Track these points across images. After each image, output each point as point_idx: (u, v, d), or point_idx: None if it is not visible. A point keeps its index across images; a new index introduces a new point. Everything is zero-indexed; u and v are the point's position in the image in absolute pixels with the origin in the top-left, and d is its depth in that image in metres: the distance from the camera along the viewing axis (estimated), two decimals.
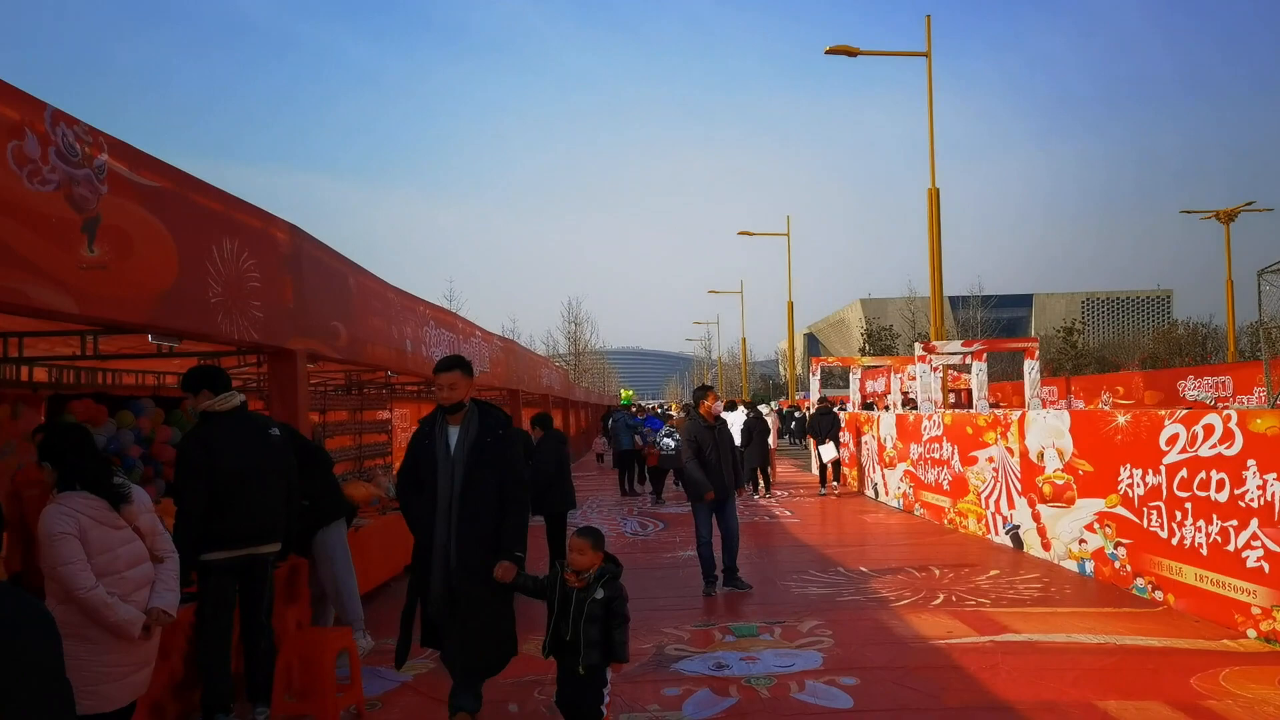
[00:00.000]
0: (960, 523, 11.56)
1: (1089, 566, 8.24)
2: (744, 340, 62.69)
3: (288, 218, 8.06)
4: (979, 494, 10.95)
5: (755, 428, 16.95)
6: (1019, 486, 9.75)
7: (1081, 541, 8.35)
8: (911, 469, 13.69)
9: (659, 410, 23.05)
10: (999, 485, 10.32)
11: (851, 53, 22.31)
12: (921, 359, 16.78)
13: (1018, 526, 9.83)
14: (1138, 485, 7.37)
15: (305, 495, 5.84)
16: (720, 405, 8.52)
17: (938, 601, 7.41)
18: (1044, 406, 16.26)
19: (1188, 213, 39.05)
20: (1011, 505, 9.97)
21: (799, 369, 71.00)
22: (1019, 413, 9.85)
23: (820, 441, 17.39)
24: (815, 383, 22.45)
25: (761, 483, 16.74)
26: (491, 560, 4.44)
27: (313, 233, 8.61)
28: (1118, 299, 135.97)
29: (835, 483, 17.58)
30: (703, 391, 8.30)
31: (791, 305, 44.73)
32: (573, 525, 13.04)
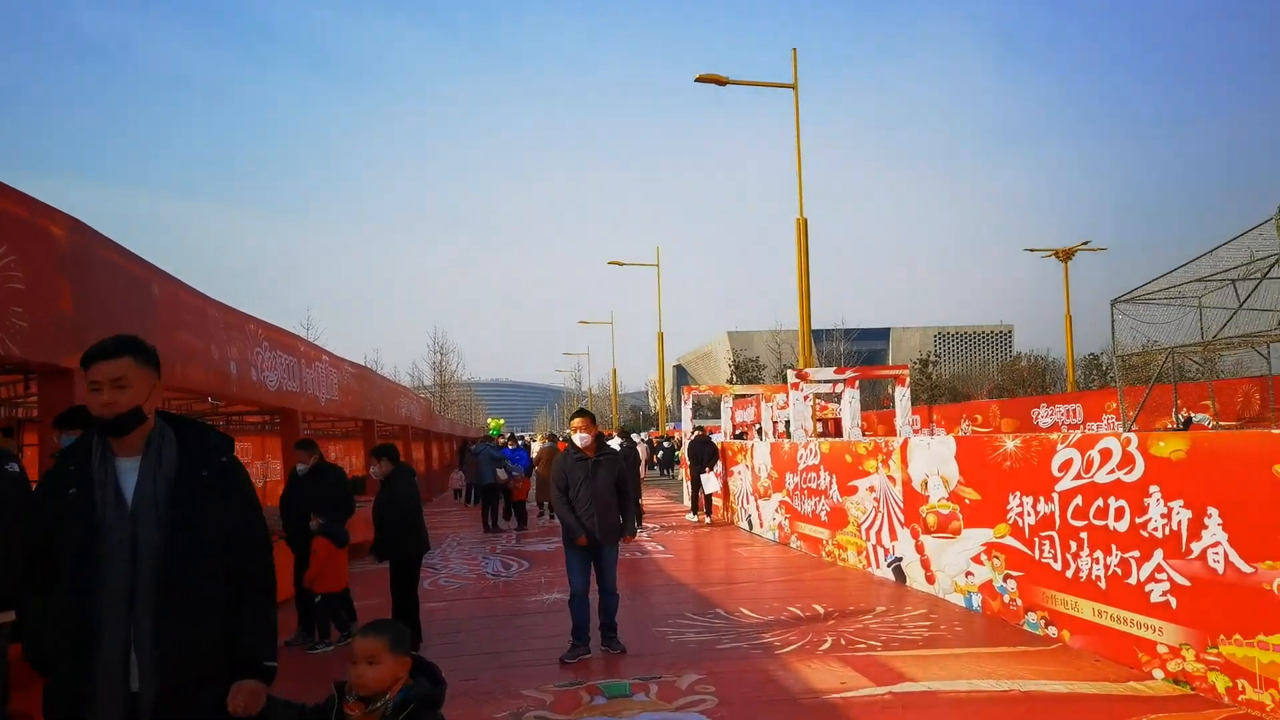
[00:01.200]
0: (839, 555, 11.10)
1: (976, 600, 7.81)
2: (614, 371, 62.27)
3: (135, 244, 6.91)
4: (859, 525, 10.50)
5: (629, 457, 16.23)
6: (901, 517, 9.32)
7: (968, 574, 7.93)
8: (787, 499, 13.22)
9: (522, 442, 22.04)
10: (880, 516, 9.88)
11: (720, 81, 22.33)
12: (794, 386, 16.49)
13: (900, 559, 9.39)
14: (1028, 514, 6.98)
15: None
16: (587, 435, 6.95)
17: (826, 646, 6.77)
18: (914, 434, 16.20)
19: (1030, 251, 41.20)
20: (894, 537, 9.53)
21: (669, 400, 71.13)
22: (901, 440, 9.46)
23: (701, 470, 16.92)
24: (687, 411, 21.96)
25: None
26: (219, 684, 2.67)
27: (164, 262, 7.47)
28: (966, 333, 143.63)
29: (707, 516, 17.13)
30: (575, 416, 7.30)
31: (661, 336, 44.62)
32: (429, 569, 11.99)
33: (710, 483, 16.66)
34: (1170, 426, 18.55)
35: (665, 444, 35.10)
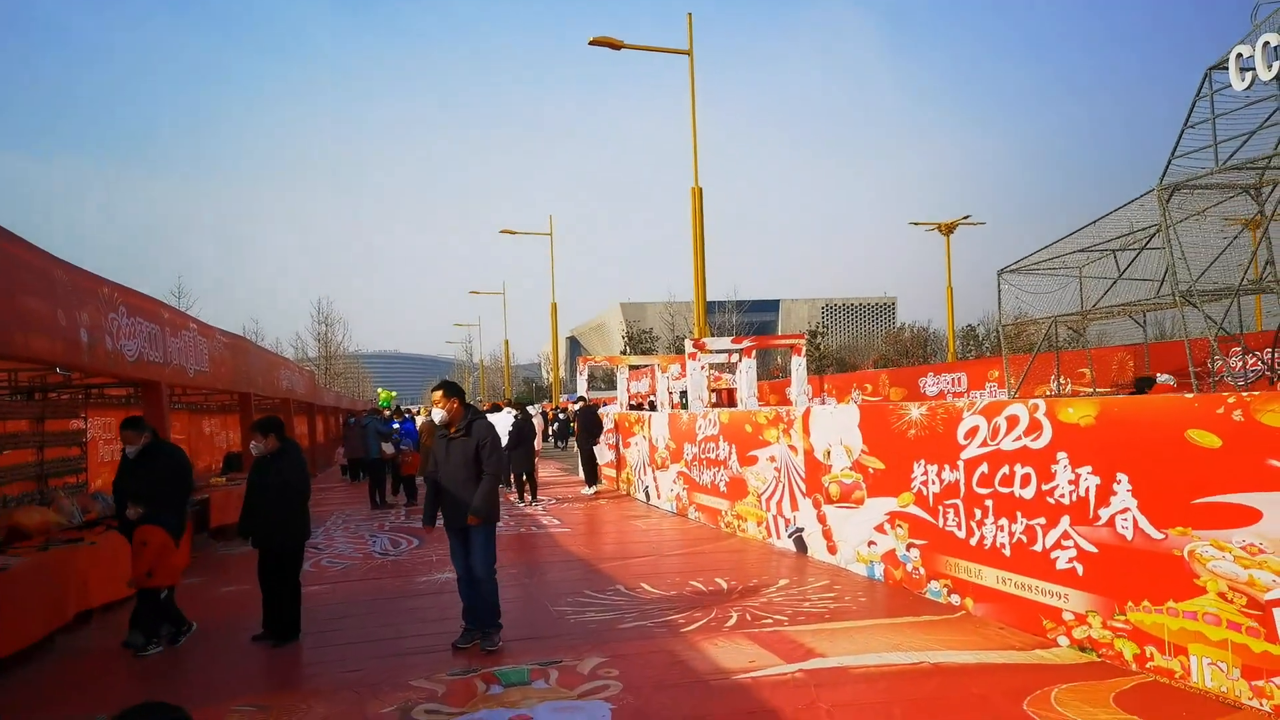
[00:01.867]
0: (739, 526, 10.97)
1: (879, 570, 7.75)
2: (506, 342, 61.42)
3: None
4: (759, 496, 10.37)
5: (524, 430, 15.80)
6: (803, 487, 9.22)
7: (871, 544, 7.86)
8: (685, 470, 13.04)
9: (410, 414, 21.29)
10: (780, 486, 9.77)
11: (615, 45, 21.96)
12: (692, 356, 16.31)
13: (801, 529, 9.30)
14: (933, 482, 6.91)
15: None
16: (442, 410, 6.30)
17: (731, 622, 6.55)
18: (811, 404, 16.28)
19: (915, 224, 42.49)
20: (795, 507, 9.42)
21: (562, 371, 70.64)
22: (802, 409, 9.33)
23: (592, 442, 16.71)
24: (582, 382, 21.60)
25: (527, 490, 15.57)
26: None
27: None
28: (852, 305, 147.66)
29: (599, 484, 17.00)
30: (434, 389, 6.55)
31: (555, 306, 44.04)
32: (312, 550, 11.28)
33: (604, 453, 16.57)
34: (1089, 391, 19.25)
35: (560, 416, 34.67)
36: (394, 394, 35.01)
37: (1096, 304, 15.48)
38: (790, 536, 9.56)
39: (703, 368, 17.57)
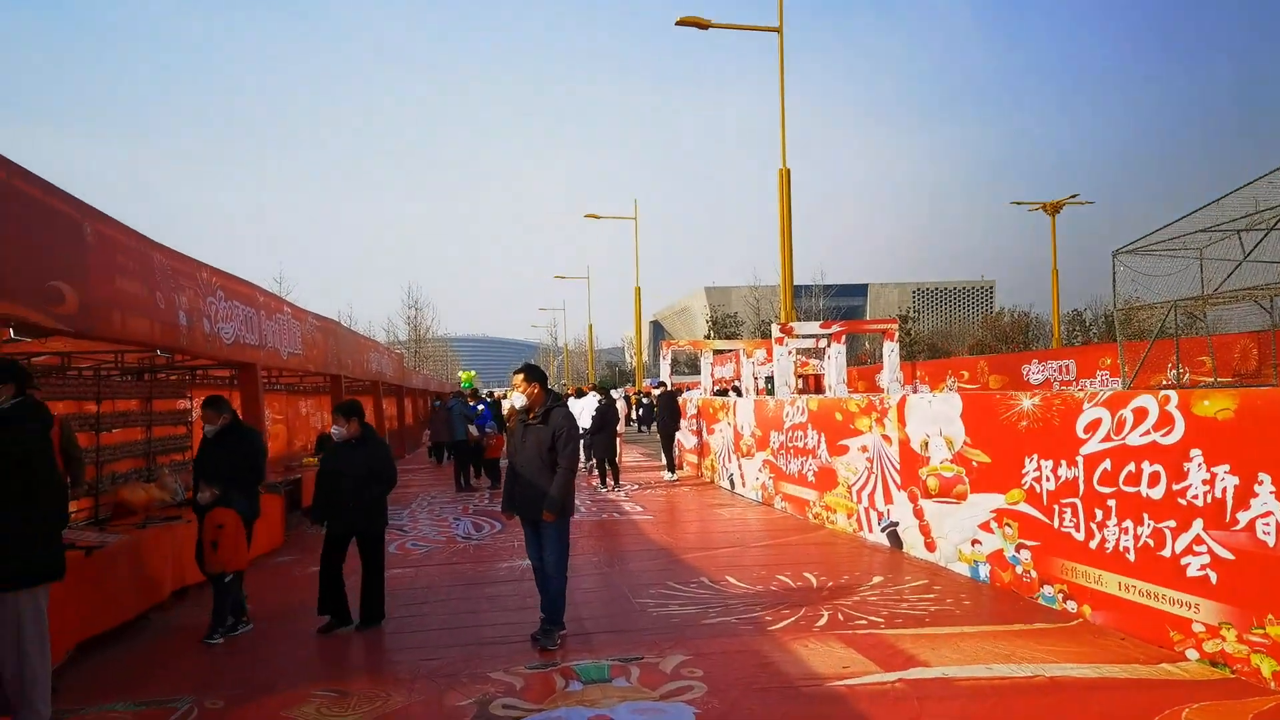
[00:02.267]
0: (828, 518, 10.55)
1: (984, 571, 7.27)
2: (590, 327, 61.58)
3: (106, 201, 6.10)
4: (849, 487, 9.94)
5: (607, 414, 15.64)
6: (898, 480, 8.76)
7: (974, 543, 7.38)
8: (771, 459, 12.66)
9: (491, 398, 21.41)
10: (873, 478, 9.32)
11: (703, 25, 21.62)
12: (779, 341, 15.86)
13: (896, 524, 8.84)
14: (1047, 479, 6.40)
15: None
16: (522, 395, 6.04)
17: (822, 622, 6.19)
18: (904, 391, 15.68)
19: (1018, 204, 40.73)
20: (889, 500, 8.97)
21: (645, 356, 70.58)
22: (898, 397, 8.86)
23: (675, 427, 16.57)
24: (665, 367, 21.34)
25: (610, 475, 15.41)
26: None
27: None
28: (945, 289, 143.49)
29: (679, 470, 17.12)
30: (516, 372, 6.27)
31: (639, 290, 43.87)
32: (396, 532, 11.33)
33: (689, 439, 16.48)
34: (1166, 384, 18.17)
35: (644, 400, 34.52)
36: (474, 374, 35.12)
37: (1219, 288, 14.43)
38: (883, 531, 9.12)
39: (790, 353, 17.11)
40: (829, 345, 16.96)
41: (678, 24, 21.47)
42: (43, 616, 4.40)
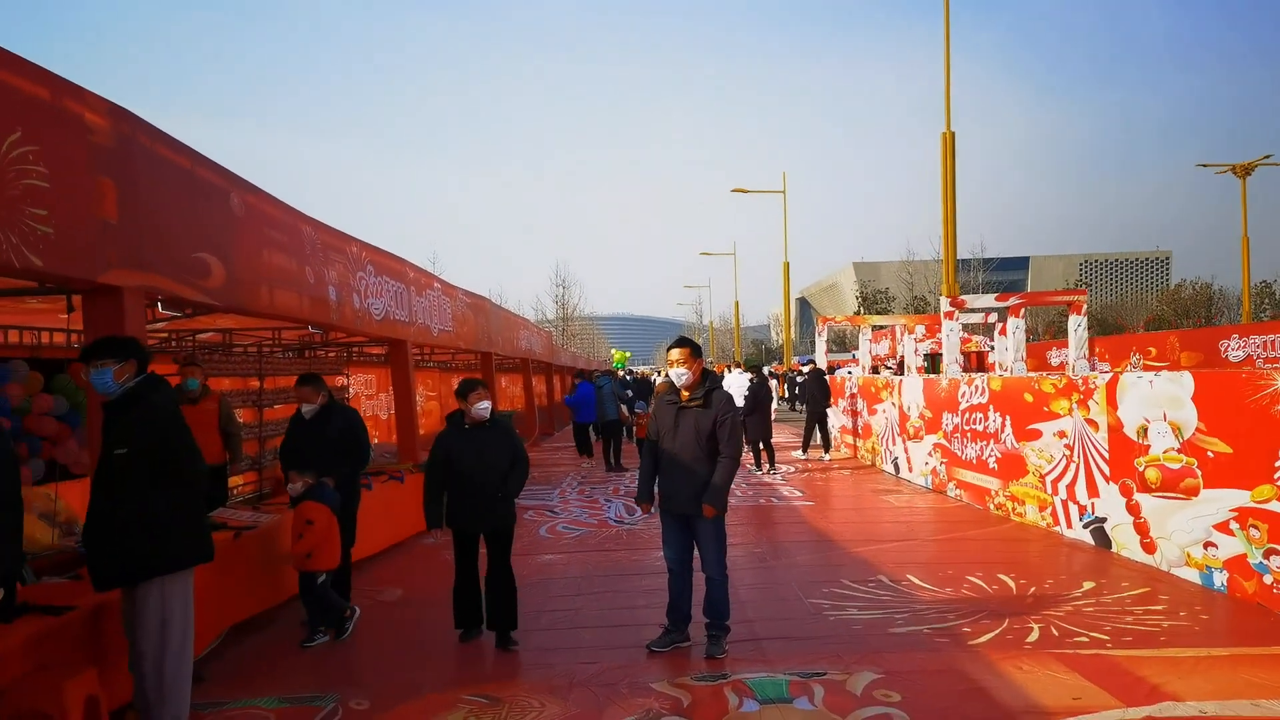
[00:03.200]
0: (1013, 509, 9.51)
1: (1220, 579, 6.18)
2: (736, 303, 60.66)
3: (276, 182, 5.88)
4: (1042, 476, 8.88)
5: (760, 394, 14.92)
6: (1106, 470, 7.67)
7: (1209, 545, 6.29)
8: (944, 442, 11.62)
9: (631, 376, 21.05)
10: (1074, 466, 8.24)
11: None
12: (948, 315, 14.64)
13: (1103, 520, 7.77)
14: None
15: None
16: (686, 370, 5.33)
17: (1033, 637, 5.34)
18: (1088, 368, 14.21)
19: (1204, 166, 37.23)
20: (1094, 492, 7.89)
21: (793, 333, 69.03)
22: (1107, 376, 7.75)
23: (826, 405, 15.90)
24: (821, 344, 20.35)
25: (765, 459, 14.70)
26: None
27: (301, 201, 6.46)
28: (1116, 261, 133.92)
29: (831, 451, 16.62)
30: (673, 346, 5.50)
31: (787, 266, 42.65)
32: (548, 513, 11.07)
33: (839, 419, 15.91)
34: None
35: (799, 378, 33.51)
36: (628, 354, 34.88)
37: None
38: (1086, 527, 8.05)
39: (957, 329, 15.84)
40: (1006, 320, 15.55)
41: None
42: (189, 604, 4.14)
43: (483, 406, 5.55)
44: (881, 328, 30.15)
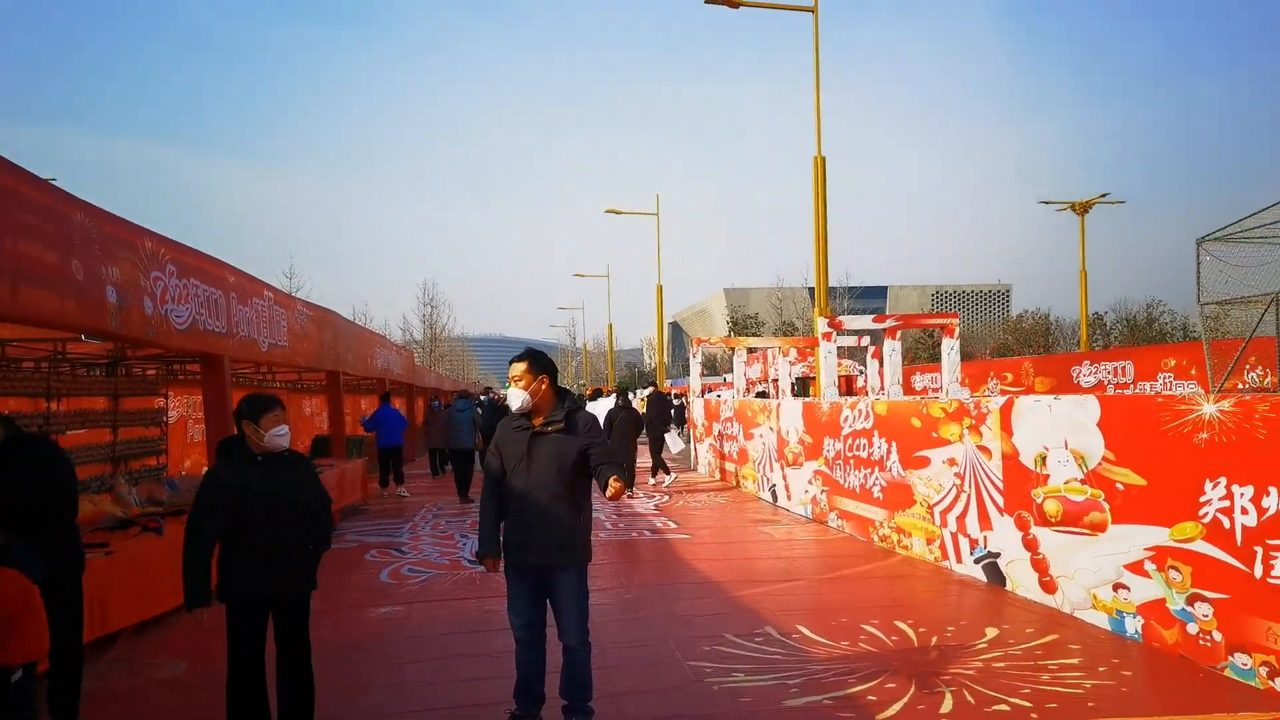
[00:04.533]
0: (899, 541, 8.92)
1: (1133, 625, 5.62)
2: (610, 326, 60.11)
3: (119, 191, 4.46)
4: (930, 506, 8.31)
5: (619, 417, 14.32)
6: (1000, 501, 7.12)
7: (1119, 587, 5.74)
8: (825, 470, 11.03)
9: (488, 398, 20.04)
10: (965, 497, 7.68)
11: (733, 4, 20.23)
12: (825, 337, 14.21)
13: (995, 555, 7.21)
14: (1246, 512, 4.76)
15: None
16: (524, 391, 4.28)
17: (947, 707, 4.56)
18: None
19: (1046, 203, 39.15)
20: (987, 525, 7.33)
21: (666, 356, 68.97)
22: (999, 400, 7.21)
23: (664, 430, 15.29)
24: (695, 365, 19.75)
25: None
26: None
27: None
28: (964, 292, 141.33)
29: (668, 476, 15.88)
30: (514, 360, 4.43)
31: (660, 289, 42.38)
32: (393, 553, 9.80)
33: (675, 442, 15.36)
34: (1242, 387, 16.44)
35: (678, 401, 33.00)
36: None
37: None
38: (978, 562, 7.48)
39: (833, 351, 15.46)
40: (883, 343, 15.27)
41: (706, 2, 20.19)
42: None
43: (280, 433, 4.20)
44: (755, 350, 30.00)
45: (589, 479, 4.33)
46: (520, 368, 4.31)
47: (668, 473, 15.94)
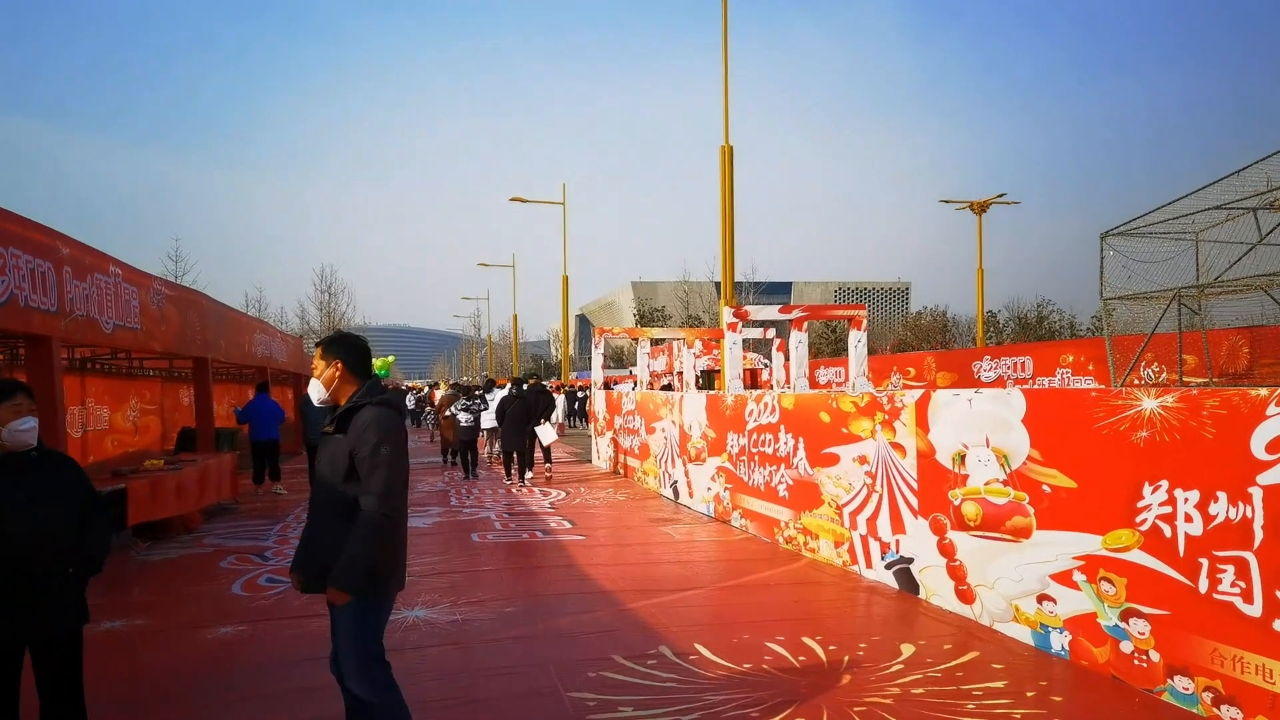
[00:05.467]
0: (805, 543, 8.39)
1: (1059, 641, 5.15)
2: (515, 317, 58.90)
3: None
4: (839, 507, 7.79)
5: (509, 405, 14.66)
6: (914, 503, 6.61)
7: (1044, 599, 5.26)
8: (729, 466, 10.45)
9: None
10: (876, 497, 7.16)
11: None
12: (731, 327, 13.67)
13: (909, 561, 6.70)
14: (1190, 519, 4.28)
15: None
16: (320, 382, 3.58)
17: None
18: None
19: (946, 202, 40.08)
20: (899, 528, 6.82)
21: (572, 349, 68.02)
22: (913, 394, 6.70)
23: (536, 423, 15.06)
24: (598, 357, 19.02)
25: (516, 469, 14.67)
26: None
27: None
28: (865, 289, 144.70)
29: (548, 464, 15.79)
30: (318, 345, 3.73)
31: (566, 279, 41.47)
32: (253, 560, 8.75)
33: (547, 433, 15.22)
34: (1138, 382, 16.63)
35: (581, 394, 32.30)
36: (392, 359, 31.41)
37: (1221, 276, 12.80)
38: (890, 568, 6.98)
39: (738, 343, 14.95)
40: (789, 334, 14.83)
41: None
42: None
43: (22, 427, 3.31)
44: (660, 342, 29.42)
45: None
46: (317, 354, 3.59)
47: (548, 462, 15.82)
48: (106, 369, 16.11)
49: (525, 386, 15.34)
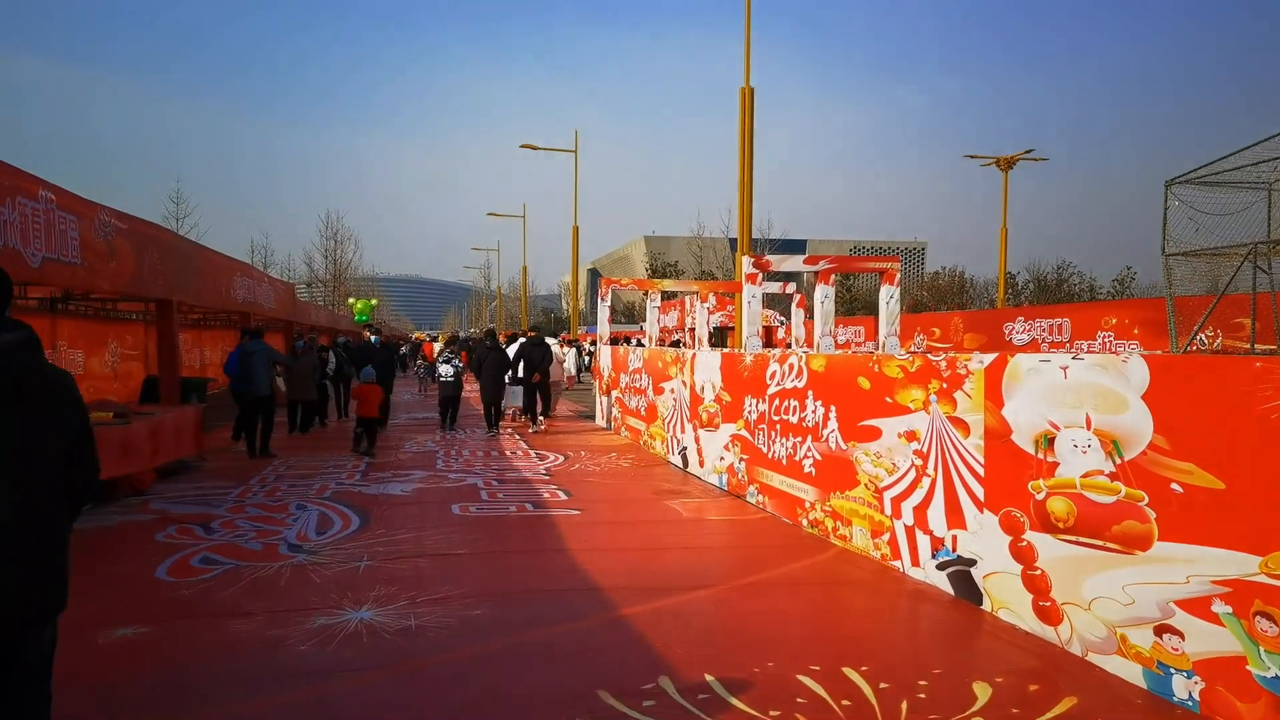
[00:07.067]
0: (834, 529, 7.17)
1: (1186, 689, 3.90)
2: (524, 269, 57.37)
3: None
4: (878, 490, 6.54)
5: (485, 357, 14.86)
6: (980, 491, 5.35)
7: (1166, 631, 4.00)
8: (745, 434, 9.20)
9: (378, 340, 18.38)
10: (927, 481, 5.90)
11: None
12: (750, 279, 12.33)
13: (970, 562, 5.46)
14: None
15: None
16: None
17: None
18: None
19: (971, 157, 38.64)
20: (957, 521, 5.57)
21: (582, 303, 66.77)
22: (984, 357, 5.40)
23: (524, 379, 15.18)
24: (604, 309, 17.73)
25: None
26: None
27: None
28: (881, 248, 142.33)
29: (544, 415, 15.98)
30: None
31: (576, 229, 40.04)
32: (199, 534, 7.46)
33: (516, 395, 15.30)
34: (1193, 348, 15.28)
35: (590, 349, 31.19)
36: (374, 301, 29.36)
37: None
38: (942, 568, 5.74)
39: (757, 297, 13.63)
40: (816, 287, 13.49)
41: None
42: None
43: None
44: (672, 296, 28.07)
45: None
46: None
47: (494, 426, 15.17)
48: (81, 311, 14.93)
49: (493, 340, 15.47)
